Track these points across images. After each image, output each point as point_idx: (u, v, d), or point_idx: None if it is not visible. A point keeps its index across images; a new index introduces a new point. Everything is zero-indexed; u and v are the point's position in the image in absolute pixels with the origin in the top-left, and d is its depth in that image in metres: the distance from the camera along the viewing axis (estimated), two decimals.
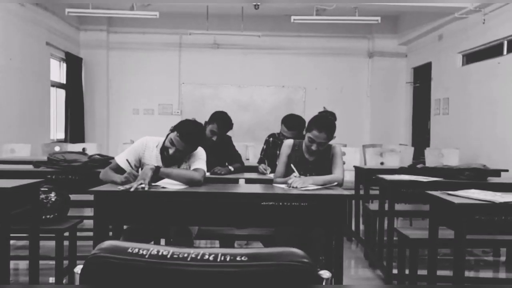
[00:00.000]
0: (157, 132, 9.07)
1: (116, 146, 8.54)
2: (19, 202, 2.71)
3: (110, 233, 3.03)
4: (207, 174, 3.66)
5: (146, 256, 1.00)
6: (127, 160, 2.93)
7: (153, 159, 2.93)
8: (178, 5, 7.52)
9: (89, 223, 4.59)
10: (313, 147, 3.06)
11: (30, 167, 3.93)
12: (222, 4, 7.21)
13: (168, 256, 1.01)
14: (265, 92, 9.33)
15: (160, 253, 1.01)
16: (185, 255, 1.01)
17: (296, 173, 2.98)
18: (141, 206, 2.64)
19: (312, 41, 9.29)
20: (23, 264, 3.75)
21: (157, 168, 2.77)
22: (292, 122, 3.89)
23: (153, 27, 8.87)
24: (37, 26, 7.40)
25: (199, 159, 2.95)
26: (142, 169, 2.88)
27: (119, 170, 2.93)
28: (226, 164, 3.89)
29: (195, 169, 2.88)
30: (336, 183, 2.99)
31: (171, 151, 2.86)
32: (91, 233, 3.98)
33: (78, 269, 1.04)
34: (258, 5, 6.62)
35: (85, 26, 9.12)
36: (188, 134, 2.84)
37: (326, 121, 3.10)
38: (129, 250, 1.01)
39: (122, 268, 1.01)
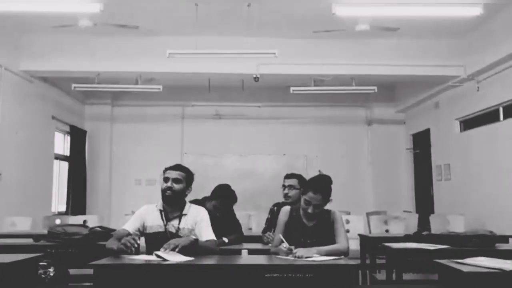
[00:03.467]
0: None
1: (118, 217, 8.47)
2: (17, 278, 2.65)
3: None
4: None
5: None
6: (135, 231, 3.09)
7: (156, 219, 3.11)
8: (181, 78, 7.77)
9: None
10: (310, 210, 3.04)
11: (30, 240, 3.87)
12: (223, 77, 7.45)
13: None
14: (266, 160, 9.40)
15: None
16: None
17: (285, 244, 2.93)
18: (141, 280, 2.57)
19: (312, 110, 9.49)
20: None
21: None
22: (291, 174, 3.90)
23: (156, 99, 9.11)
24: (43, 101, 7.61)
25: (207, 227, 3.11)
26: (144, 233, 3.08)
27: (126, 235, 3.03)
28: (223, 238, 3.79)
29: (208, 241, 3.04)
30: (341, 255, 2.92)
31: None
32: None
33: None
34: (258, 77, 6.84)
35: (90, 100, 9.37)
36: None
37: (321, 183, 3.10)
38: None
39: None
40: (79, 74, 7.17)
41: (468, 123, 7.36)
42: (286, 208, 3.24)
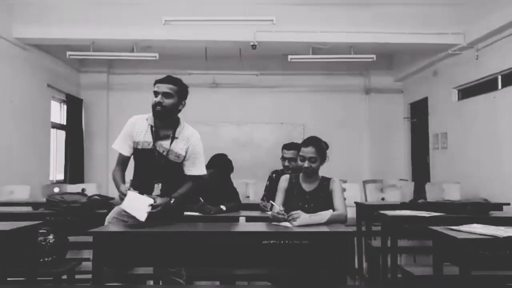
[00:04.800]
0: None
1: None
2: (17, 245, 2.68)
3: None
4: (197, 213, 3.65)
5: None
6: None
7: (143, 131, 2.94)
8: (177, 46, 7.66)
9: (87, 265, 4.51)
10: (306, 164, 3.12)
11: (29, 209, 3.90)
12: (220, 45, 7.35)
13: None
14: (264, 130, 9.39)
15: None
16: None
17: (276, 207, 3.02)
18: (140, 247, 2.60)
19: (309, 79, 9.42)
20: None
21: (169, 200, 2.82)
22: (290, 144, 3.95)
23: (152, 68, 9.00)
24: (39, 69, 7.52)
25: (200, 163, 3.03)
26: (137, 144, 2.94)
27: (123, 160, 3.02)
28: (220, 206, 3.82)
29: (195, 177, 2.97)
30: (339, 222, 2.97)
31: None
32: (89, 276, 3.91)
33: None
34: (255, 45, 6.75)
35: (86, 68, 9.27)
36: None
37: (311, 138, 3.26)
38: None
39: None
40: (74, 41, 7.05)
41: (466, 92, 7.33)
42: (286, 176, 3.32)
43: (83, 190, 5.83)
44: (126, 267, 3.06)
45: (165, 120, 2.91)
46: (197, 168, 2.98)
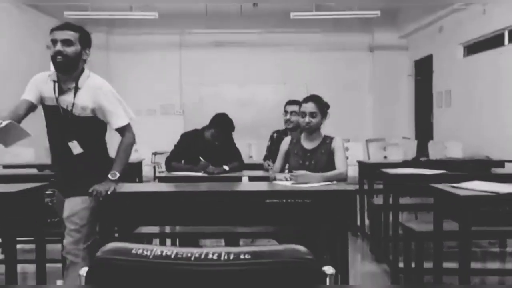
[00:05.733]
0: (160, 132, 9.07)
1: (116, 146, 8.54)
2: (25, 206, 2.73)
3: (116, 235, 3.04)
4: (201, 173, 3.67)
5: (150, 257, 1.01)
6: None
7: (50, 90, 2.64)
8: (176, 5, 7.52)
9: None
10: (307, 119, 3.12)
11: (34, 170, 3.94)
12: (220, 3, 7.21)
13: (172, 256, 1.01)
14: (266, 90, 9.32)
15: (163, 254, 1.01)
16: (189, 254, 1.01)
17: (270, 164, 3.17)
18: (146, 207, 2.65)
19: (312, 37, 9.27)
20: (31, 268, 3.76)
21: (114, 173, 2.58)
22: (293, 100, 3.95)
23: (152, 27, 8.86)
24: (36, 30, 7.41)
25: (114, 110, 2.61)
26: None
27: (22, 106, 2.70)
28: (223, 166, 3.85)
29: (121, 129, 2.64)
30: (340, 180, 3.00)
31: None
32: None
33: (83, 271, 1.05)
34: (256, 3, 6.60)
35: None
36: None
37: (312, 95, 3.29)
38: (133, 251, 1.02)
39: (126, 269, 1.02)
40: (72, 1, 6.92)
41: (472, 48, 7.21)
42: (287, 139, 3.34)
43: None
44: (132, 227, 3.11)
45: (68, 71, 2.55)
46: (117, 118, 2.61)
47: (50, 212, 3.18)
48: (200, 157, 3.81)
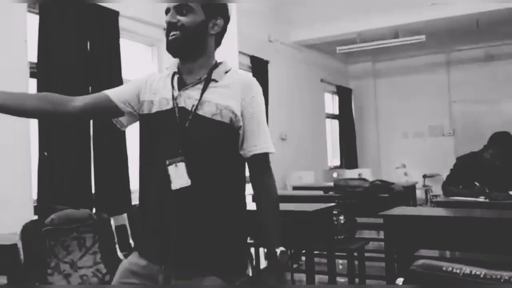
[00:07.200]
0: (428, 155, 8.88)
1: (388, 170, 8.77)
2: (318, 223, 3.16)
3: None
4: (482, 198, 3.48)
5: (460, 275, 1.13)
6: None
7: (164, 89, 1.57)
8: (445, 23, 7.32)
9: (374, 244, 4.84)
10: None
11: (320, 192, 4.47)
12: (493, 14, 6.69)
13: (481, 276, 1.11)
14: None
15: (473, 273, 1.12)
16: (498, 276, 1.09)
17: None
18: (428, 230, 2.72)
19: None
20: (320, 279, 4.18)
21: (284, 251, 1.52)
22: None
23: (417, 49, 8.85)
24: (312, 66, 8.37)
25: (264, 128, 1.57)
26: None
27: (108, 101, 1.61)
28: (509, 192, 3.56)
29: (263, 161, 1.56)
30: None
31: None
32: (374, 254, 4.25)
33: (399, 281, 1.24)
34: None
35: (352, 59, 9.79)
36: None
37: None
38: (444, 269, 1.16)
39: (437, 283, 1.16)
40: (341, 36, 7.56)
41: None
42: None
43: (359, 175, 6.27)
44: (412, 248, 3.21)
45: (187, 52, 1.57)
46: (266, 139, 1.57)
47: (336, 230, 3.58)
48: (476, 182, 3.67)
